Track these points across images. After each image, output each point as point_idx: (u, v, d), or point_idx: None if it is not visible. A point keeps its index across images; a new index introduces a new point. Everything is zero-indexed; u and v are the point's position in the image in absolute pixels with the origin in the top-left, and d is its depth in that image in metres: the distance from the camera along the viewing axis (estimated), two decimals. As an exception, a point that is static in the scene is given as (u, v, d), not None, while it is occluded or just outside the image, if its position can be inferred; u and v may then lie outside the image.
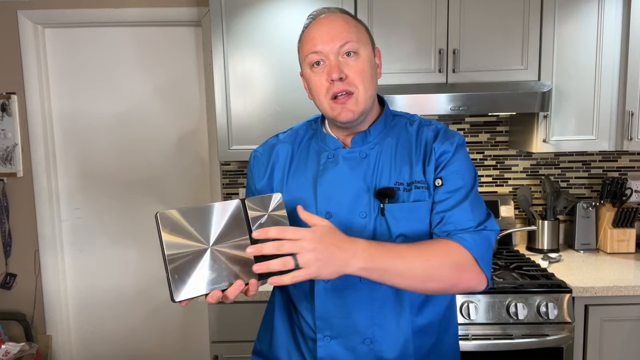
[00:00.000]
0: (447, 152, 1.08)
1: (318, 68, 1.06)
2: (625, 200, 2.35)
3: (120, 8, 2.47)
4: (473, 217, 1.04)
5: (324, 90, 1.06)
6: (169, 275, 0.85)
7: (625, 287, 1.87)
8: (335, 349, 1.08)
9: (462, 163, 1.09)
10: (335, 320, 1.08)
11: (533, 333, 1.83)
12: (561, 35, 2.09)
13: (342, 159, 1.10)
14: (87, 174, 2.65)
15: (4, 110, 2.51)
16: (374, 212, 1.06)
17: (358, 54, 1.05)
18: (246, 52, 2.11)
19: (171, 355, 2.75)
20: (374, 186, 1.07)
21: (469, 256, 1.01)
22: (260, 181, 1.18)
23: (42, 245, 2.60)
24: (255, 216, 0.94)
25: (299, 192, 1.11)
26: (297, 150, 1.17)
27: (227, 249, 0.91)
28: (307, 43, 1.07)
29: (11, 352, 2.36)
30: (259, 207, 0.95)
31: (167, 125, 2.62)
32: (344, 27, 1.05)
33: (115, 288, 2.70)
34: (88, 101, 2.61)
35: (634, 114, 2.10)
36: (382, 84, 2.10)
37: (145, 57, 2.58)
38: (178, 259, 0.86)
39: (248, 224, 0.93)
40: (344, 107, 1.05)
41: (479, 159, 2.53)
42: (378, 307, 1.07)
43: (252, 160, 1.23)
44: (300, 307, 1.12)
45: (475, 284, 1.02)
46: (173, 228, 0.87)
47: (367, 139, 1.11)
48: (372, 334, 1.07)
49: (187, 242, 0.87)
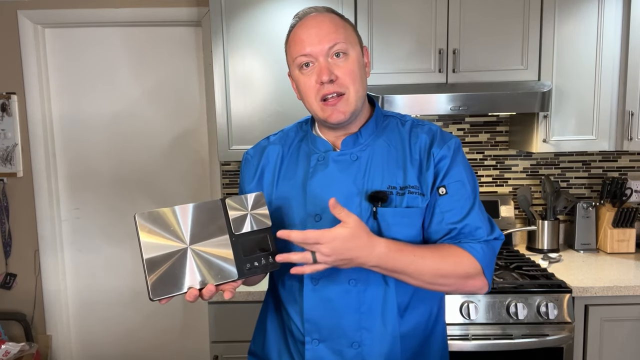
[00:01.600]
0: (446, 158, 1.08)
1: (307, 69, 1.05)
2: (625, 200, 2.35)
3: (120, 8, 2.47)
4: (484, 227, 1.07)
5: (313, 92, 1.05)
6: (146, 275, 0.87)
7: (625, 287, 1.87)
8: (323, 352, 1.08)
9: (462, 168, 1.09)
10: (323, 323, 1.07)
11: (533, 333, 1.83)
12: (561, 35, 2.09)
13: (332, 161, 1.09)
14: (87, 174, 2.65)
15: (4, 110, 2.51)
16: (364, 216, 1.05)
17: (347, 55, 1.04)
18: (246, 52, 2.11)
19: (171, 355, 2.75)
20: (365, 189, 1.06)
21: (478, 266, 1.04)
22: (251, 183, 1.18)
23: (42, 245, 2.60)
24: (236, 216, 0.96)
25: (288, 194, 1.11)
26: (288, 152, 1.16)
27: (206, 247, 0.92)
28: (296, 45, 1.06)
29: (11, 352, 2.36)
30: (240, 206, 0.96)
31: (167, 125, 2.62)
32: (332, 28, 1.04)
33: (115, 288, 2.70)
34: (88, 101, 2.61)
35: (634, 114, 2.10)
36: (382, 84, 2.10)
37: (145, 57, 2.58)
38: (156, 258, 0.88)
39: (228, 223, 0.95)
40: (335, 109, 1.04)
41: (479, 159, 2.53)
42: (366, 311, 1.07)
43: (243, 162, 1.23)
44: (290, 309, 1.12)
45: (477, 290, 1.07)
46: (151, 228, 0.89)
47: (357, 141, 1.10)
48: (360, 337, 1.07)
49: (166, 242, 0.89)
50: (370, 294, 1.06)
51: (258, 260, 0.97)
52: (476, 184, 1.10)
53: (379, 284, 1.06)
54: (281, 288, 1.14)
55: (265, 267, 0.98)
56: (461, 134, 2.52)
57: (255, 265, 0.97)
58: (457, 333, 1.84)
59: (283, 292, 1.14)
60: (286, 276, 1.11)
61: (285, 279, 1.12)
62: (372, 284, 1.06)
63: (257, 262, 0.97)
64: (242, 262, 0.96)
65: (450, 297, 1.84)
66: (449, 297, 1.84)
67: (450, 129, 2.52)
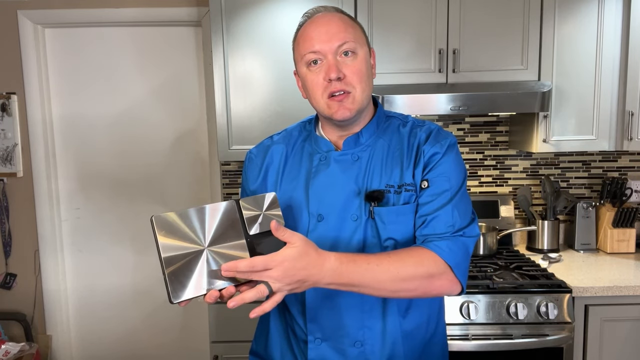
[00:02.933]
0: (437, 154, 1.07)
1: (315, 67, 1.05)
2: (625, 200, 2.35)
3: (120, 8, 2.47)
4: (453, 222, 1.04)
5: (321, 89, 1.05)
6: (166, 278, 0.86)
7: (625, 287, 1.87)
8: (326, 351, 1.08)
9: (451, 164, 1.08)
10: (326, 322, 1.08)
11: (533, 333, 1.83)
12: (561, 35, 2.09)
13: (334, 161, 1.10)
14: (87, 174, 2.65)
15: (4, 110, 2.51)
16: (364, 215, 1.06)
17: (356, 54, 1.05)
18: (246, 52, 2.11)
19: (171, 355, 2.75)
20: (365, 189, 1.07)
21: (443, 264, 1.00)
22: (255, 182, 1.18)
23: (42, 245, 2.60)
24: (251, 216, 0.95)
25: (292, 193, 1.11)
26: (291, 151, 1.17)
27: (223, 249, 0.91)
28: (305, 42, 1.06)
29: (11, 352, 2.36)
30: (254, 207, 0.96)
31: (167, 125, 2.62)
32: (342, 27, 1.05)
33: (115, 288, 2.70)
34: (88, 101, 2.60)
35: (634, 114, 2.10)
36: (382, 84, 2.10)
37: (145, 57, 2.58)
38: (175, 261, 0.87)
39: (243, 224, 0.94)
40: (341, 105, 1.04)
41: (479, 159, 2.53)
42: (368, 310, 1.07)
43: (246, 161, 1.23)
44: (293, 309, 1.12)
45: (447, 291, 1.03)
46: (169, 230, 0.88)
47: (359, 141, 1.11)
48: (362, 336, 1.07)
49: (183, 244, 0.88)
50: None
51: None
52: (464, 183, 1.09)
53: None
54: None
55: None
56: (461, 134, 2.52)
57: None
58: (457, 333, 1.84)
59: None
60: None
61: None
62: None
63: None
64: None
65: (450, 297, 1.84)
66: (449, 297, 1.84)
67: (450, 129, 2.51)
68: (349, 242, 1.06)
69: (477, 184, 2.54)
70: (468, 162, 2.52)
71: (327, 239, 1.06)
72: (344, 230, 1.06)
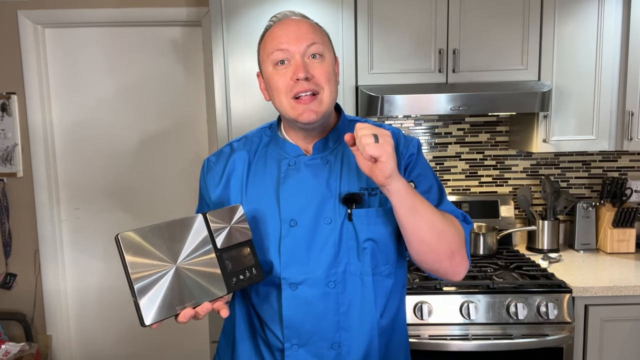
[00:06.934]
0: (413, 155, 1.12)
1: (282, 67, 1.04)
2: (625, 200, 2.35)
3: (120, 8, 2.47)
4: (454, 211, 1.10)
5: (286, 90, 1.03)
6: (136, 300, 0.82)
7: (625, 287, 1.87)
8: (303, 356, 1.07)
9: (425, 165, 1.14)
10: (303, 328, 1.06)
11: (533, 333, 1.83)
12: (561, 35, 2.09)
13: (305, 165, 1.09)
14: (87, 174, 2.65)
15: (4, 110, 2.51)
16: (339, 218, 1.05)
17: (323, 57, 1.05)
18: (246, 52, 2.11)
19: (171, 355, 2.75)
20: (338, 192, 1.07)
21: (463, 235, 1.06)
22: (215, 191, 1.15)
23: (42, 245, 2.60)
24: (218, 229, 0.94)
25: (259, 201, 1.10)
26: (254, 158, 1.14)
27: (194, 265, 0.89)
28: (272, 41, 1.05)
29: (11, 352, 2.36)
30: (221, 220, 0.95)
31: (167, 125, 2.62)
32: (310, 29, 1.05)
33: (115, 288, 2.70)
34: (88, 101, 2.61)
35: (634, 114, 2.10)
36: (382, 84, 2.10)
37: (145, 57, 2.58)
38: (144, 280, 0.83)
39: (212, 239, 0.93)
40: (307, 108, 1.02)
41: (479, 159, 2.53)
42: (345, 312, 1.07)
43: (204, 169, 1.20)
44: (265, 316, 1.10)
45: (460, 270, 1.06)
46: (136, 249, 0.84)
47: (327, 145, 1.11)
48: (339, 338, 1.07)
49: (152, 261, 0.85)
50: (348, 295, 1.06)
51: (243, 273, 0.97)
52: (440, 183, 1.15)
53: (356, 283, 1.07)
54: (254, 296, 1.11)
55: (250, 280, 0.98)
56: (461, 134, 2.52)
57: (241, 279, 0.96)
58: (457, 333, 1.84)
59: (257, 299, 1.11)
60: (261, 283, 1.08)
61: (260, 286, 1.10)
62: (349, 284, 1.06)
63: (242, 275, 0.97)
64: (229, 276, 0.95)
65: (450, 297, 1.85)
66: (450, 297, 1.85)
67: (450, 129, 2.52)
68: (323, 246, 1.05)
69: (477, 184, 2.54)
70: (468, 162, 2.53)
71: (301, 243, 1.05)
72: (318, 234, 1.05)
